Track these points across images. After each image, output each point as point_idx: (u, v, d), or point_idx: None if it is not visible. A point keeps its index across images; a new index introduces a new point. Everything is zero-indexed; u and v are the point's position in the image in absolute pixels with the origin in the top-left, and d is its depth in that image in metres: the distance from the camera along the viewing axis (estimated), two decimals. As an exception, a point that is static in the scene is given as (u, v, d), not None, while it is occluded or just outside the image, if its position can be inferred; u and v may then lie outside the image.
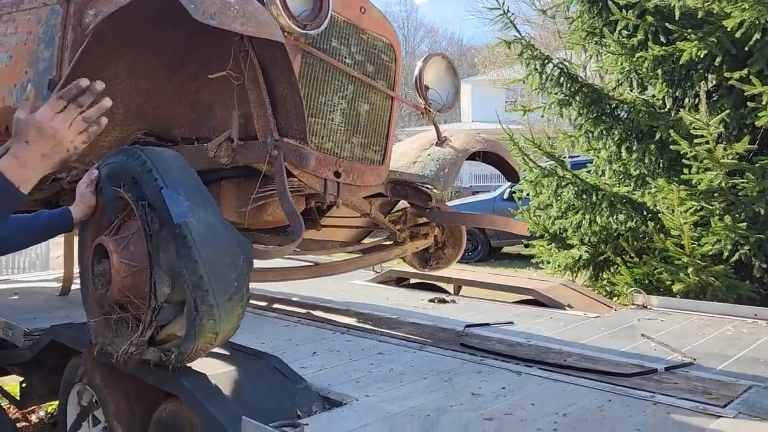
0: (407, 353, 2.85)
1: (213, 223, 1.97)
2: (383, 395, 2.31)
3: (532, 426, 2.03)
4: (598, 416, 2.11)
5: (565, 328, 3.29)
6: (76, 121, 1.40)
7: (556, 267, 6.27)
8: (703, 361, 2.70)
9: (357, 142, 2.84)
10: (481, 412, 2.14)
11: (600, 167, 6.16)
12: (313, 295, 3.98)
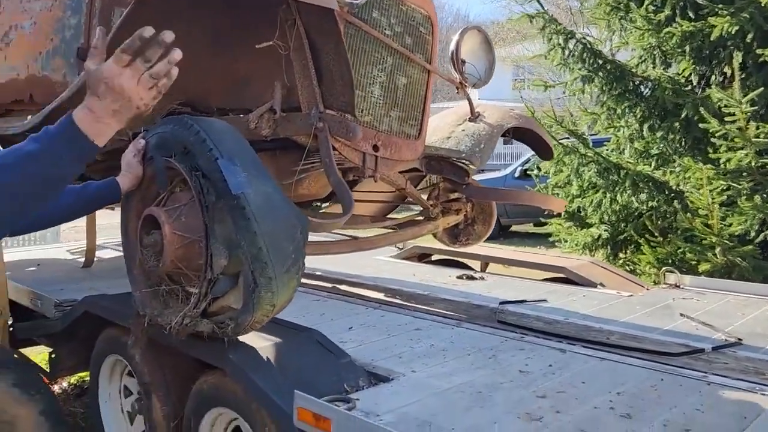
0: (445, 329, 2.84)
1: (270, 195, 1.95)
2: (429, 371, 2.30)
3: (588, 404, 2.01)
4: (652, 395, 2.09)
5: (600, 306, 3.25)
6: (143, 77, 1.31)
7: (574, 246, 6.26)
8: (749, 340, 2.66)
9: (395, 115, 2.80)
10: (533, 390, 2.13)
11: (620, 145, 6.12)
12: (338, 269, 3.97)
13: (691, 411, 1.98)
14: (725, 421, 1.89)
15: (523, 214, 10.67)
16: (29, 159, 1.24)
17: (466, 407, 1.97)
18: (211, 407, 2.43)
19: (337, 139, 2.47)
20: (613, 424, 1.87)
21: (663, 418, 1.92)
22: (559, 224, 6.45)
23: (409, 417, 1.88)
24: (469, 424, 1.85)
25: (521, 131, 3.39)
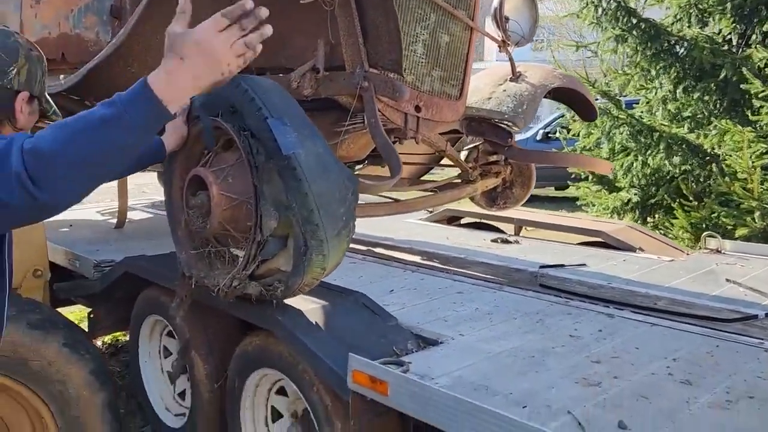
0: (487, 293, 2.80)
1: (322, 155, 1.90)
2: (477, 335, 2.26)
3: (644, 370, 1.97)
4: (710, 362, 2.05)
5: (642, 271, 3.18)
6: (237, 43, 1.28)
7: (602, 210, 6.18)
8: None
9: (436, 75, 2.71)
10: (586, 355, 2.09)
11: (652, 107, 5.98)
12: (370, 232, 3.93)
13: (752, 378, 1.94)
14: None
15: (545, 178, 10.54)
16: (103, 125, 1.20)
17: (520, 371, 1.94)
18: (256, 368, 2.43)
19: (380, 99, 2.41)
20: (674, 391, 1.84)
21: (724, 385, 1.88)
22: (587, 188, 6.36)
23: (464, 380, 1.85)
24: (526, 387, 1.82)
25: (564, 91, 3.29)
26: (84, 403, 2.19)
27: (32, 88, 1.55)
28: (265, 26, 1.32)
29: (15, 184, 1.14)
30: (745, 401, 1.78)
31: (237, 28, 1.28)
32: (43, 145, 1.17)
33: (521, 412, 1.65)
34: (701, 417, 1.68)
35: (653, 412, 1.70)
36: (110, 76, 2.67)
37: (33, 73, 1.55)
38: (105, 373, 2.26)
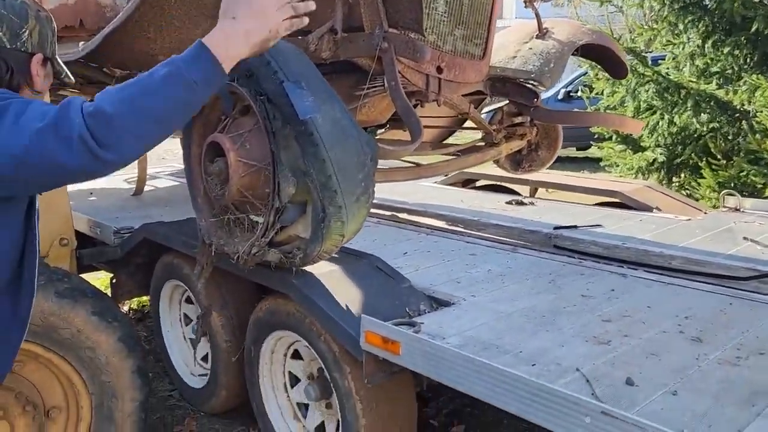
0: (500, 255, 2.80)
1: (340, 120, 1.85)
2: (490, 296, 2.26)
3: (656, 327, 1.96)
4: (722, 319, 2.02)
5: (659, 230, 3.11)
6: (286, 5, 1.36)
7: (626, 170, 6.06)
8: None
9: (459, 34, 2.62)
10: (598, 314, 2.07)
11: (679, 63, 5.78)
12: (383, 195, 3.88)
13: (766, 334, 1.90)
14: None
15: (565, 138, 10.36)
16: (165, 84, 1.24)
17: (531, 331, 1.94)
18: (272, 330, 2.46)
19: (400, 60, 2.33)
20: (684, 348, 1.82)
21: (736, 341, 1.85)
22: (610, 148, 6.22)
23: (475, 340, 1.86)
24: (536, 346, 1.83)
25: (592, 48, 3.16)
26: (114, 369, 2.21)
27: (45, 50, 1.55)
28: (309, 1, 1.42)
29: (78, 146, 1.18)
30: (756, 357, 1.76)
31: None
32: (108, 107, 1.20)
33: (530, 370, 1.67)
34: (710, 373, 1.67)
35: (662, 368, 1.69)
36: (127, 42, 2.63)
37: (44, 35, 1.54)
38: (133, 339, 2.28)
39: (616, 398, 1.53)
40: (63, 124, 1.19)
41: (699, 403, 1.52)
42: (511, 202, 3.81)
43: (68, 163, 1.20)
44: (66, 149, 1.18)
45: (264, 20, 1.34)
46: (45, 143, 1.19)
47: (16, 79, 1.48)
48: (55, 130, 1.19)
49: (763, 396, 1.55)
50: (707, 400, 1.54)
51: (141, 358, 2.29)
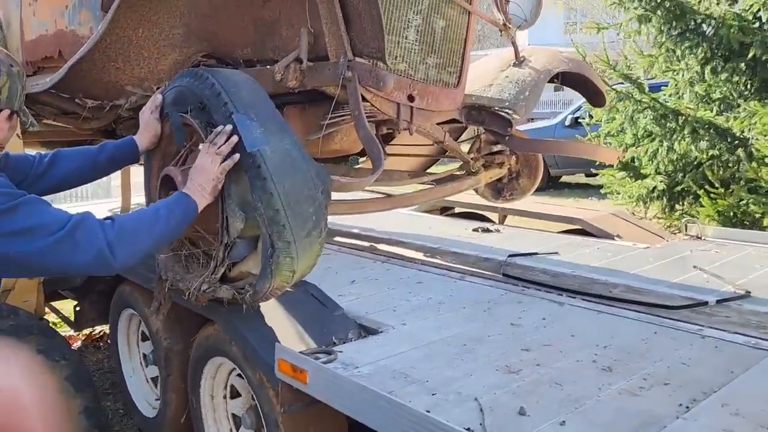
0: (447, 283, 2.78)
1: (289, 152, 1.80)
2: (420, 324, 2.26)
3: (571, 357, 1.94)
4: (641, 349, 2.00)
5: (613, 258, 3.12)
6: (215, 157, 1.79)
7: (627, 198, 5.96)
8: (759, 293, 2.51)
9: (432, 62, 2.58)
10: (520, 343, 2.06)
11: (680, 90, 5.71)
12: (354, 223, 3.88)
13: (677, 365, 1.89)
14: (709, 376, 1.80)
15: (574, 164, 10.26)
16: (162, 219, 1.68)
17: (447, 360, 1.94)
18: (211, 357, 2.47)
19: (369, 89, 2.29)
20: (591, 377, 1.80)
21: (645, 371, 1.84)
22: (611, 175, 6.13)
23: (386, 369, 1.86)
24: (445, 375, 1.82)
25: (571, 76, 3.13)
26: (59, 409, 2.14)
27: (13, 105, 1.58)
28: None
29: (97, 255, 1.47)
30: (659, 387, 1.74)
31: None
32: (128, 234, 1.55)
33: (426, 400, 1.66)
34: (608, 403, 1.66)
35: (560, 398, 1.68)
36: (95, 72, 2.62)
37: (14, 90, 1.57)
38: (82, 378, 2.21)
39: (502, 428, 1.53)
40: (90, 235, 1.46)
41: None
42: (477, 230, 3.83)
43: (82, 265, 1.49)
44: (82, 255, 1.44)
45: (205, 174, 1.76)
46: (61, 249, 1.43)
47: None
48: (73, 240, 1.43)
49: (652, 426, 1.53)
50: (594, 430, 1.53)
51: (90, 398, 2.21)
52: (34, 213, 1.43)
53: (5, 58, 1.59)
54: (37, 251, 1.41)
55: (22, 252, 1.40)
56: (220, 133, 1.80)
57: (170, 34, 2.53)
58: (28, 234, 1.40)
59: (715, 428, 1.51)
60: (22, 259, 1.42)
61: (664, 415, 1.58)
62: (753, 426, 1.52)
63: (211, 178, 1.77)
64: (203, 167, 1.77)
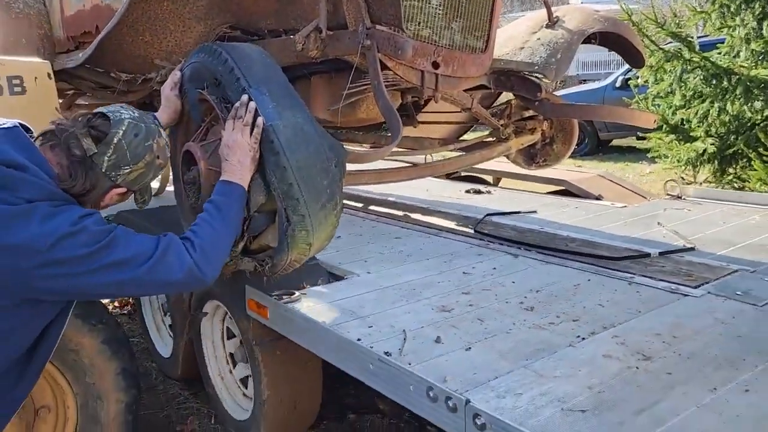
0: (422, 238, 2.94)
1: (302, 126, 1.79)
2: (383, 272, 2.44)
3: (502, 299, 2.12)
4: (569, 293, 2.16)
5: (586, 216, 3.25)
6: (240, 128, 1.76)
7: (676, 161, 5.74)
8: (707, 246, 2.64)
9: (457, 27, 2.51)
10: (463, 288, 2.23)
11: (734, 48, 5.41)
12: (352, 185, 3.97)
13: (593, 306, 2.04)
14: (616, 315, 1.95)
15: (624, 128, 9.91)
16: (226, 214, 1.70)
17: (393, 301, 2.13)
18: (207, 300, 2.74)
19: (391, 57, 2.25)
20: (511, 316, 1.97)
21: (561, 311, 2.00)
22: (659, 138, 5.91)
23: (339, 307, 2.08)
24: (386, 313, 2.02)
25: (608, 36, 2.99)
26: (98, 371, 2.25)
27: (133, 187, 1.65)
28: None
29: (187, 272, 1.54)
30: (567, 324, 1.89)
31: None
32: (209, 249, 1.61)
33: (362, 331, 1.87)
34: (514, 335, 1.83)
35: (476, 331, 1.87)
36: (125, 46, 2.66)
37: (143, 177, 1.65)
38: (118, 341, 2.31)
39: (416, 352, 1.73)
40: (179, 257, 1.54)
41: (482, 357, 1.69)
42: (469, 191, 4.00)
43: (176, 284, 1.59)
44: (175, 275, 1.53)
45: (240, 149, 1.74)
46: (157, 273, 1.52)
47: (87, 198, 1.57)
48: (165, 263, 1.52)
49: (544, 352, 1.71)
50: (492, 355, 1.70)
51: (127, 360, 2.31)
52: (128, 244, 1.50)
53: (159, 147, 1.66)
54: (132, 279, 1.49)
55: (117, 282, 1.48)
56: (240, 106, 1.80)
57: (194, 6, 2.54)
58: (126, 264, 1.48)
59: (597, 354, 1.70)
60: (116, 287, 1.51)
61: (559, 344, 1.76)
62: (630, 352, 1.70)
63: (247, 151, 1.75)
64: (235, 142, 1.75)
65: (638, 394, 1.48)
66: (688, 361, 1.65)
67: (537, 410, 1.42)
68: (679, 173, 6.03)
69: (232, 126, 1.77)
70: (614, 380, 1.55)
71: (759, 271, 2.32)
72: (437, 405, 1.53)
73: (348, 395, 3.15)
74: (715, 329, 1.84)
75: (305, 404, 2.61)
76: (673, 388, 1.50)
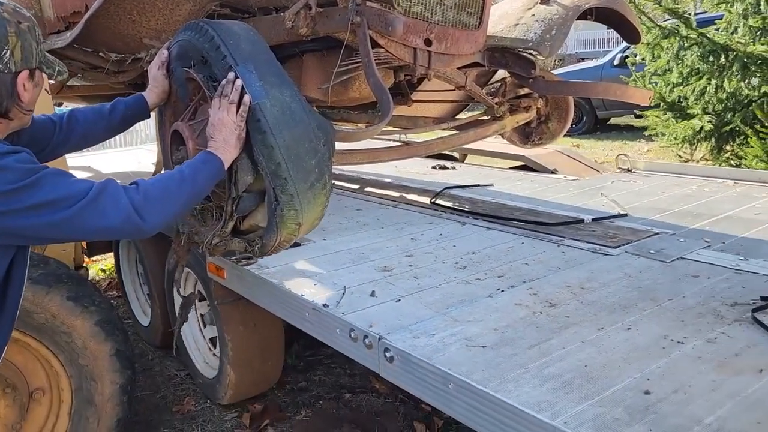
0: (381, 209, 3.06)
1: (289, 104, 1.77)
2: (338, 239, 2.57)
3: (440, 260, 2.27)
4: (501, 254, 2.32)
5: (539, 189, 3.40)
6: (225, 106, 1.74)
7: (673, 139, 5.71)
8: (640, 213, 2.81)
9: (450, 3, 2.47)
10: (407, 251, 2.38)
11: (732, 24, 5.35)
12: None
13: (519, 264, 2.20)
14: (537, 271, 2.13)
15: (621, 106, 9.86)
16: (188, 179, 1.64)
17: (342, 263, 2.28)
18: (182, 268, 2.89)
19: (382, 34, 2.22)
20: (444, 273, 2.13)
21: (489, 269, 2.17)
22: (656, 116, 5.88)
23: (289, 269, 2.22)
24: (334, 273, 2.17)
25: (603, 12, 2.95)
26: (91, 353, 2.25)
27: (30, 63, 1.53)
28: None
29: (124, 217, 1.47)
30: (491, 279, 2.07)
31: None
32: (155, 197, 1.54)
33: (306, 288, 2.04)
34: (442, 288, 2.01)
35: (410, 286, 2.02)
36: (112, 25, 2.61)
37: (28, 48, 1.52)
38: (111, 323, 2.30)
39: (352, 303, 1.90)
40: (107, 202, 1.46)
41: (409, 308, 1.85)
42: (435, 167, 4.14)
43: (111, 229, 1.50)
44: (109, 220, 1.46)
45: (225, 127, 1.73)
46: (87, 216, 1.45)
47: (4, 105, 1.49)
48: (97, 206, 1.45)
49: (465, 302, 1.88)
50: (418, 305, 1.87)
51: (121, 342, 2.31)
52: (57, 185, 1.43)
53: (11, 15, 1.52)
54: (63, 221, 1.43)
55: (48, 223, 1.42)
56: (226, 84, 1.77)
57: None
58: (52, 206, 1.41)
59: (510, 303, 1.87)
60: (49, 229, 1.45)
61: (479, 295, 1.94)
62: (540, 301, 1.87)
63: (233, 129, 1.73)
64: (221, 121, 1.73)
65: (535, 333, 1.67)
66: (587, 307, 1.83)
67: (444, 347, 1.60)
68: (677, 150, 6.01)
69: (218, 104, 1.75)
70: (518, 323, 1.74)
71: (678, 234, 2.50)
72: (357, 344, 1.74)
73: (344, 375, 3.16)
74: (621, 282, 2.02)
75: (267, 363, 2.84)
76: (567, 328, 1.69)
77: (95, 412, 2.27)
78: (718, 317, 1.74)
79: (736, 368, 1.47)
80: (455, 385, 1.46)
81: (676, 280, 2.03)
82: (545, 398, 1.35)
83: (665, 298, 1.87)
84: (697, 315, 1.76)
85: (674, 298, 1.88)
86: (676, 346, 1.58)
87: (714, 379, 1.42)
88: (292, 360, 3.29)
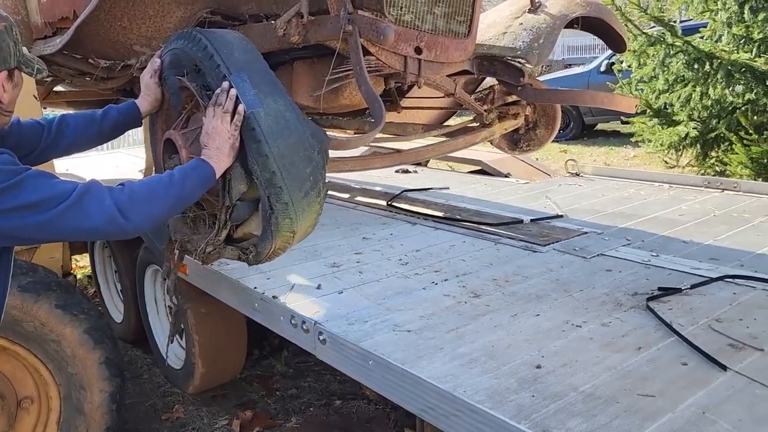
0: (340, 211, 3.20)
1: (283, 113, 1.77)
2: None
3: (385, 257, 2.46)
4: (442, 251, 2.50)
5: (491, 191, 3.62)
6: (220, 115, 1.75)
7: (659, 145, 5.78)
8: (576, 215, 3.00)
9: (440, 12, 2.50)
10: (357, 250, 2.55)
11: (716, 32, 5.43)
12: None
13: (456, 261, 2.39)
14: (471, 266, 2.32)
15: (608, 112, 9.96)
16: (176, 185, 1.65)
17: (295, 260, 2.43)
18: (146, 266, 3.22)
19: (373, 42, 2.24)
20: (386, 268, 2.32)
21: (428, 264, 2.36)
22: (642, 123, 5.94)
23: (244, 266, 2.19)
24: (286, 269, 2.33)
25: (591, 21, 2.99)
26: (80, 361, 2.24)
27: (8, 63, 1.52)
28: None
29: (107, 218, 1.47)
30: (429, 274, 2.27)
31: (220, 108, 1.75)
32: (140, 197, 1.54)
33: (259, 281, 2.23)
34: (383, 282, 2.21)
35: (354, 280, 2.22)
36: (102, 32, 2.62)
37: (5, 48, 1.51)
38: (100, 331, 2.29)
39: (299, 296, 2.10)
40: (90, 203, 1.45)
41: (350, 299, 2.04)
42: (398, 171, 4.27)
43: (94, 230, 1.49)
44: (92, 220, 1.46)
45: (219, 136, 1.74)
46: (71, 217, 1.45)
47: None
48: (81, 207, 1.44)
49: (402, 293, 2.09)
50: (358, 297, 2.06)
51: (110, 350, 2.30)
52: (39, 187, 1.43)
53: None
54: (46, 222, 1.43)
55: (31, 224, 1.42)
56: (220, 93, 1.77)
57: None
58: (35, 207, 1.41)
59: (440, 294, 2.07)
60: (32, 230, 1.44)
61: (414, 288, 2.14)
62: (467, 292, 2.08)
63: (227, 138, 1.73)
64: (215, 129, 1.73)
65: (457, 320, 1.87)
66: (508, 297, 2.04)
67: (374, 332, 1.80)
68: (662, 157, 6.07)
69: (213, 113, 1.75)
70: (444, 311, 1.93)
71: (605, 233, 2.69)
72: (297, 329, 1.94)
73: (334, 381, 3.16)
74: (543, 276, 2.23)
75: (229, 356, 3.03)
76: (484, 315, 1.89)
77: (84, 421, 2.26)
78: (618, 305, 1.95)
79: (619, 347, 1.68)
80: (374, 362, 1.67)
81: (591, 273, 2.23)
82: (451, 372, 1.55)
83: (577, 290, 2.09)
84: (600, 303, 1.96)
85: (584, 290, 2.09)
86: (574, 329, 1.78)
87: (598, 356, 1.62)
88: (281, 367, 3.29)
